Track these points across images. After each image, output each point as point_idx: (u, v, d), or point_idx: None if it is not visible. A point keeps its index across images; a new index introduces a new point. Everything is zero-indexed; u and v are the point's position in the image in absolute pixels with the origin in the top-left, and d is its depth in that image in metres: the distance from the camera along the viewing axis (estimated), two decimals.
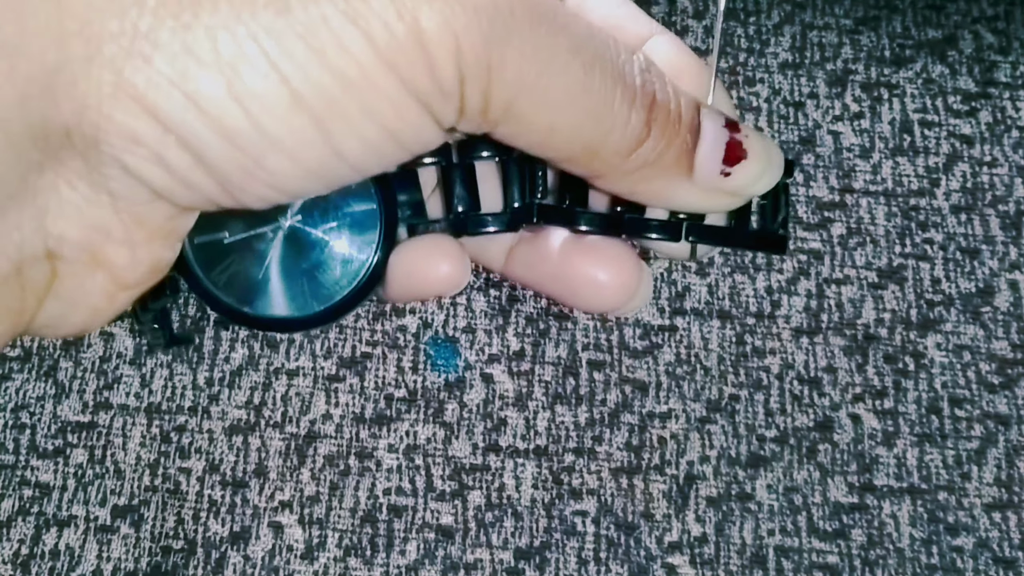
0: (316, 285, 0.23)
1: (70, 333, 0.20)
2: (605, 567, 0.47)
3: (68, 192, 0.18)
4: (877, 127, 0.57)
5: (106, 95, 0.17)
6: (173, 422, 0.49)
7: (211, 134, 0.17)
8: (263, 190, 0.18)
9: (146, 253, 0.19)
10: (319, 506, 0.48)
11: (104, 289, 0.19)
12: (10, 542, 0.47)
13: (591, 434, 0.50)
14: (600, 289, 0.23)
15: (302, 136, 0.17)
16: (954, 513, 0.49)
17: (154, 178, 0.18)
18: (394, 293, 0.23)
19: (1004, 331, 0.52)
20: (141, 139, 0.17)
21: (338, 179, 0.19)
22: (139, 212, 0.18)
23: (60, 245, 0.18)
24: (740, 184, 0.21)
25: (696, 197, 0.21)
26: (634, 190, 0.21)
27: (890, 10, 0.61)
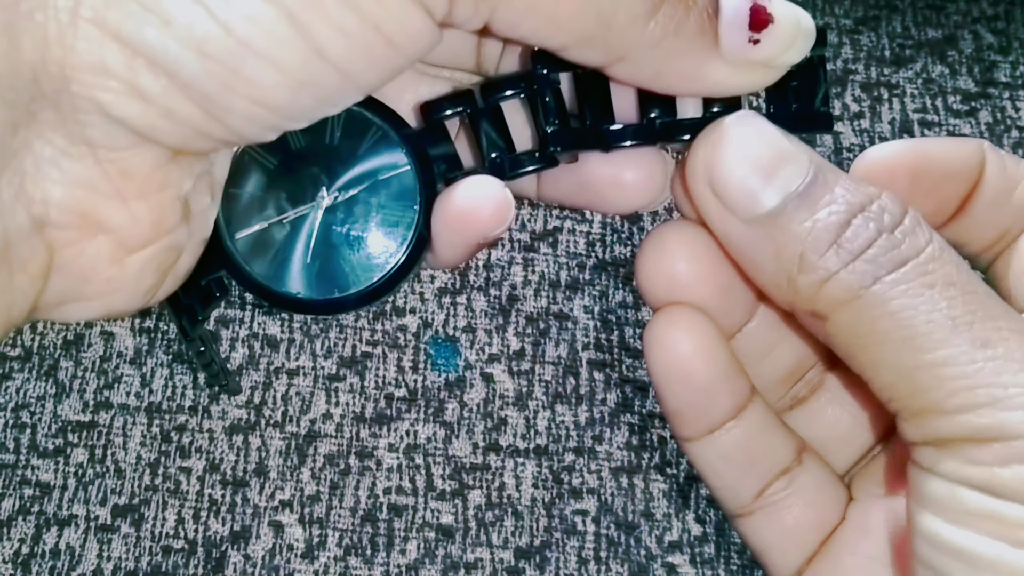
0: (364, 259, 0.22)
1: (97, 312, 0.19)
2: (605, 566, 0.47)
3: (45, 149, 0.17)
4: (877, 127, 0.57)
5: (65, 24, 0.16)
6: (173, 421, 0.49)
7: (180, 47, 0.16)
8: (250, 108, 0.17)
9: (143, 209, 0.18)
10: (319, 505, 0.48)
11: (109, 254, 0.18)
12: (11, 541, 0.47)
13: (591, 434, 0.50)
14: (628, 189, 0.22)
15: (276, 33, 0.16)
16: None
17: (132, 113, 0.17)
18: (442, 250, 0.22)
19: None
20: (110, 68, 0.16)
21: (331, 89, 0.18)
22: (123, 161, 0.17)
23: (46, 209, 0.17)
24: (771, 52, 0.20)
25: (727, 73, 0.20)
26: (661, 71, 0.20)
27: (890, 10, 0.61)
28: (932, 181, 0.21)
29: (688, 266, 0.21)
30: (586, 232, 0.54)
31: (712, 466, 0.23)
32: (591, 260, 0.53)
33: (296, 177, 0.22)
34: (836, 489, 0.24)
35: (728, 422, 0.22)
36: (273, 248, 0.22)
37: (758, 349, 0.23)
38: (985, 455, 0.17)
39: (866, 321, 0.18)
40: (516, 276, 0.53)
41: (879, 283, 0.18)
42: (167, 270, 0.20)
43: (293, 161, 0.22)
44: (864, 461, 0.24)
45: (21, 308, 0.18)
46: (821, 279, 0.18)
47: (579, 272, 0.53)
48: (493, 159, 0.22)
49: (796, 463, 0.23)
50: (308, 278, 0.22)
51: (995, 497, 0.17)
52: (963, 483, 0.17)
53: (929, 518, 0.18)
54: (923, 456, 0.18)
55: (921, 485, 0.18)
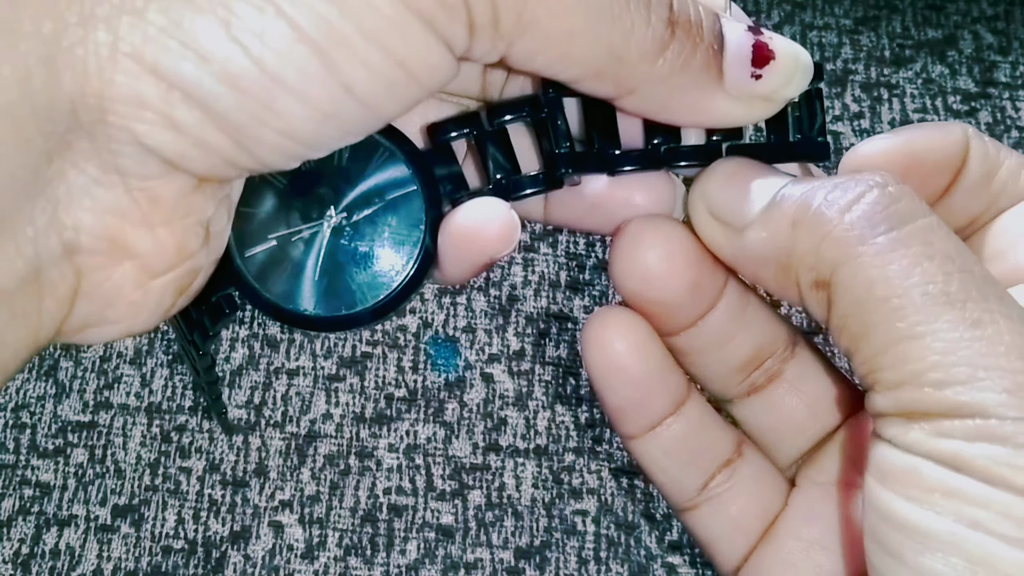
0: (371, 277, 0.23)
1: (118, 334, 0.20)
2: (605, 566, 0.47)
3: (78, 177, 0.17)
4: (877, 127, 0.57)
5: (104, 58, 0.16)
6: (173, 422, 0.49)
7: (215, 82, 0.17)
8: (278, 139, 0.18)
9: (168, 235, 0.19)
10: (319, 505, 0.48)
11: (134, 279, 0.19)
12: (10, 541, 0.47)
13: (591, 434, 0.50)
14: (638, 212, 0.23)
15: (307, 70, 0.17)
16: None
17: (165, 143, 0.17)
18: (448, 268, 0.23)
19: None
20: (146, 101, 0.17)
21: (354, 121, 0.18)
22: (152, 189, 0.18)
23: (77, 236, 0.18)
24: (772, 86, 0.21)
25: (730, 106, 0.21)
26: (667, 104, 0.21)
27: (890, 10, 0.61)
28: (922, 173, 0.21)
29: (660, 261, 0.22)
30: (586, 232, 0.54)
31: (656, 462, 0.24)
32: (591, 260, 0.53)
33: (305, 196, 0.23)
34: (776, 479, 0.25)
35: (667, 418, 0.23)
36: (282, 266, 0.23)
37: (719, 337, 0.24)
38: (955, 430, 0.17)
39: (863, 285, 0.18)
40: (516, 276, 0.53)
41: (878, 240, 0.18)
42: (185, 291, 0.20)
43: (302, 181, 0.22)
44: (811, 451, 0.25)
45: (48, 331, 0.18)
46: (821, 235, 0.19)
47: (579, 272, 0.53)
48: (498, 180, 0.23)
49: (736, 455, 0.24)
50: (316, 296, 0.23)
51: (957, 473, 0.17)
52: (927, 456, 0.17)
53: (887, 494, 0.18)
54: (890, 428, 0.18)
55: (882, 459, 0.18)
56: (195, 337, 0.23)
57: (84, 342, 0.20)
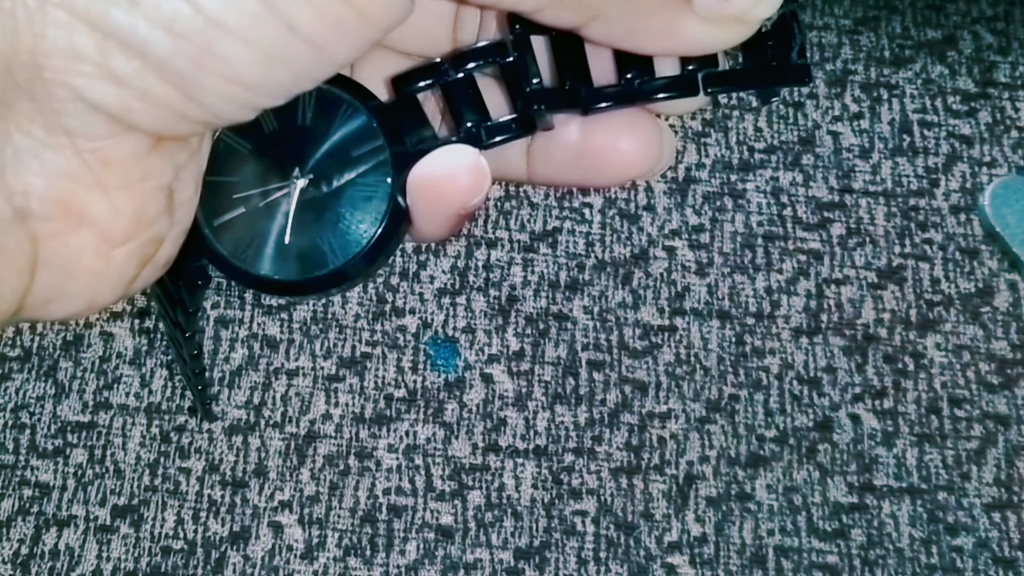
0: (342, 238, 0.22)
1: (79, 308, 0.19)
2: (605, 567, 0.47)
3: (23, 140, 0.17)
4: (876, 127, 0.57)
5: (33, 9, 0.16)
6: (173, 422, 0.49)
7: (150, 27, 0.16)
8: (225, 86, 0.17)
9: (125, 200, 0.18)
10: (319, 506, 0.48)
11: (93, 247, 0.18)
12: (10, 542, 0.47)
13: (591, 434, 0.50)
14: (625, 158, 0.22)
15: (245, 8, 0.16)
16: (954, 513, 0.49)
17: (107, 97, 0.16)
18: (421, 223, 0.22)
19: (1004, 331, 0.52)
20: (81, 52, 0.16)
21: (304, 64, 0.17)
22: (103, 150, 0.17)
23: (28, 201, 0.17)
24: (742, 5, 0.20)
25: (701, 29, 0.20)
26: (634, 29, 0.20)
27: (889, 10, 0.61)
28: None
29: None
30: (585, 232, 0.54)
31: None
32: (591, 260, 0.53)
33: (270, 160, 0.22)
34: None
35: None
36: (251, 232, 0.22)
37: None
38: None
39: None
40: (515, 276, 0.53)
41: None
42: (147, 260, 0.20)
43: (267, 144, 0.22)
44: None
45: (10, 302, 0.18)
46: None
47: (578, 272, 0.53)
48: (468, 128, 0.22)
49: None
50: (287, 259, 0.22)
51: None
52: None
53: None
54: None
55: None
56: (179, 316, 0.23)
57: (48, 318, 0.19)
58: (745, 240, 0.54)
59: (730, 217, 0.55)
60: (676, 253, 0.54)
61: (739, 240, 0.54)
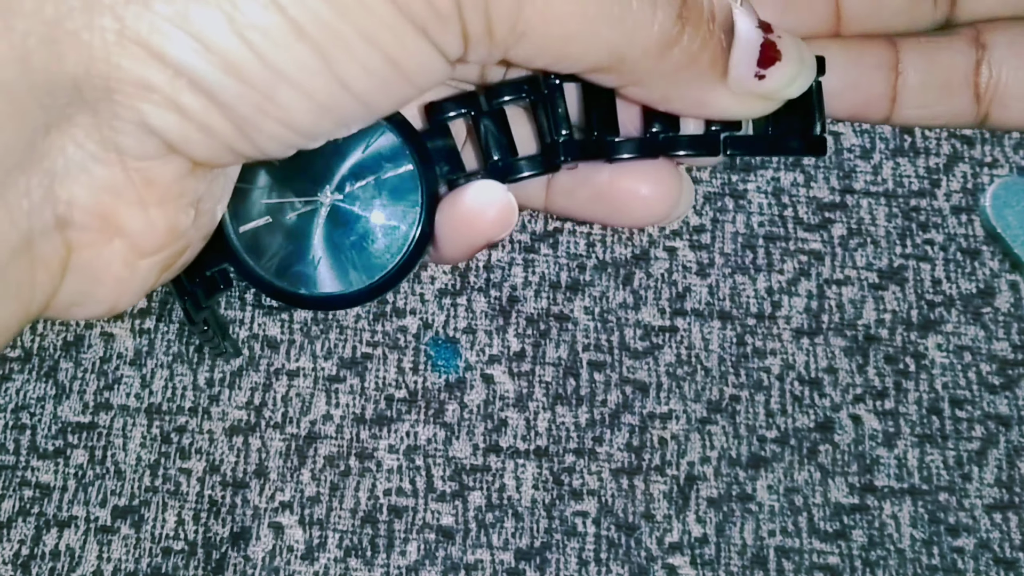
0: (366, 257, 0.23)
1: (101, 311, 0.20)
2: (606, 568, 0.47)
3: (76, 152, 0.18)
4: (877, 128, 0.57)
5: (111, 43, 0.17)
6: (173, 423, 0.49)
7: (220, 72, 0.17)
8: (277, 129, 0.18)
9: (160, 216, 0.19)
10: (319, 507, 0.48)
11: (123, 257, 0.19)
12: (10, 543, 0.47)
13: (592, 435, 0.50)
14: (644, 202, 0.23)
15: (306, 65, 0.17)
16: (955, 514, 0.49)
17: (170, 125, 0.18)
18: (445, 250, 0.23)
19: (1005, 332, 0.52)
20: (153, 85, 0.17)
21: (350, 115, 0.19)
22: (149, 170, 0.18)
23: (70, 210, 0.18)
24: (775, 87, 0.21)
25: (730, 102, 0.21)
26: (668, 96, 0.21)
27: None
28: None
29: None
30: (586, 233, 0.54)
31: None
32: (591, 261, 0.53)
33: (301, 174, 0.23)
34: None
35: None
36: (276, 243, 0.23)
37: None
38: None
39: None
40: (516, 277, 0.53)
41: None
42: (169, 268, 0.21)
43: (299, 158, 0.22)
44: None
45: (39, 304, 0.19)
46: None
47: (579, 273, 0.53)
48: (495, 162, 0.23)
49: None
50: (310, 274, 0.23)
51: None
52: None
53: None
54: None
55: None
56: (188, 305, 0.23)
57: (67, 318, 0.20)
58: (746, 240, 0.54)
59: (731, 217, 0.55)
60: (677, 254, 0.54)
61: (740, 240, 0.54)
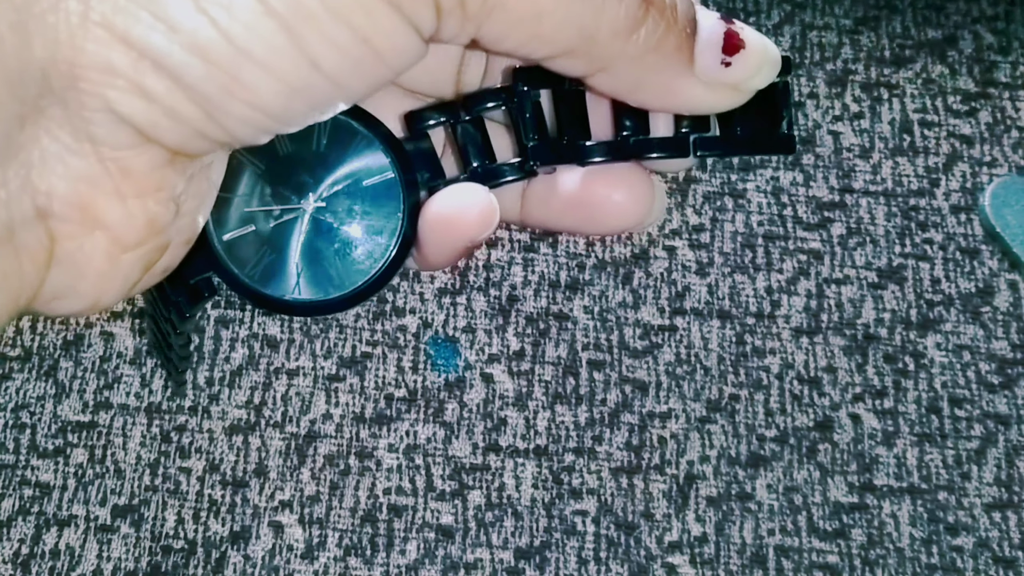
0: (348, 263, 0.23)
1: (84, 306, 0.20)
2: (605, 567, 0.47)
3: (51, 144, 0.18)
4: (877, 127, 0.57)
5: (75, 26, 0.17)
6: (173, 422, 0.49)
7: (184, 52, 0.17)
8: (246, 111, 0.18)
9: (139, 208, 0.19)
10: (319, 506, 0.48)
11: (104, 250, 0.19)
12: (10, 542, 0.47)
13: (591, 434, 0.50)
14: (617, 209, 0.23)
15: (273, 43, 0.17)
16: (954, 513, 0.49)
17: (136, 111, 0.18)
18: (429, 253, 0.23)
19: (1004, 331, 0.52)
20: (117, 68, 0.17)
21: (322, 96, 0.19)
22: (124, 160, 0.18)
23: (50, 201, 0.18)
24: (741, 75, 0.21)
25: (699, 92, 0.21)
26: (639, 84, 0.21)
27: (890, 10, 0.61)
28: None
29: None
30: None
31: None
32: (591, 260, 0.53)
33: (284, 182, 0.23)
34: None
35: None
36: (260, 250, 0.23)
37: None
38: None
39: None
40: (516, 276, 0.53)
41: None
42: (151, 266, 0.21)
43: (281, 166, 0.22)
44: None
45: (27, 295, 0.19)
46: None
47: (579, 272, 0.53)
48: (475, 168, 0.23)
49: None
50: (293, 280, 0.23)
51: None
52: None
53: None
54: None
55: None
56: (172, 316, 0.23)
57: (53, 313, 0.20)
58: (745, 240, 0.54)
59: (730, 217, 0.55)
60: (676, 253, 0.54)
61: (739, 240, 0.54)
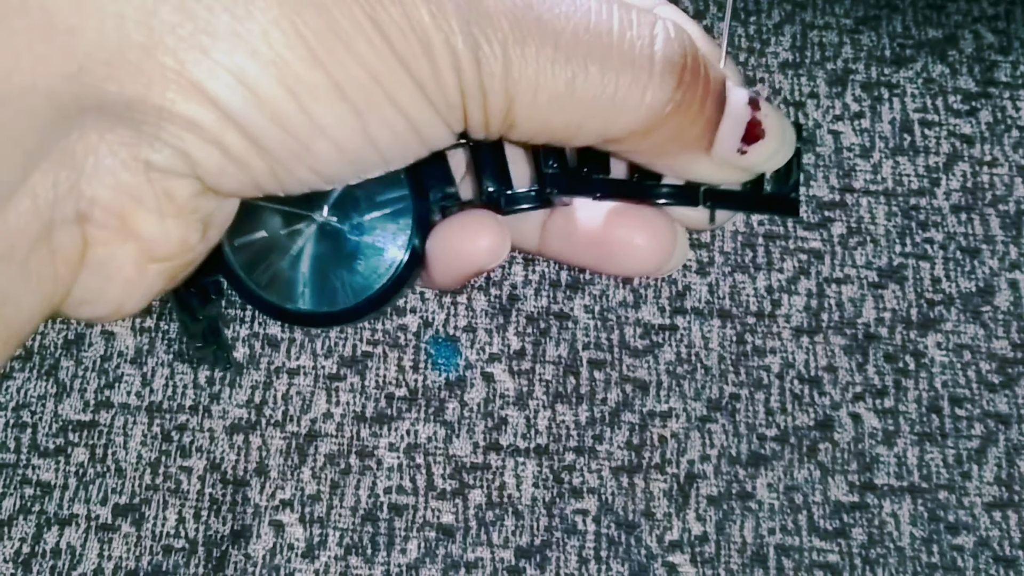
0: (355, 277, 0.23)
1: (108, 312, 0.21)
2: (606, 566, 0.47)
3: (107, 157, 0.19)
4: (877, 127, 0.57)
5: (170, 81, 0.18)
6: (174, 421, 0.49)
7: (266, 121, 0.19)
8: (306, 174, 0.20)
9: (174, 227, 0.20)
10: (320, 505, 0.48)
11: (135, 260, 0.20)
12: (11, 541, 0.47)
13: (592, 433, 0.50)
14: (638, 253, 0.24)
15: (343, 122, 0.19)
16: (954, 512, 0.49)
17: (209, 161, 0.19)
18: (437, 276, 0.23)
19: (1004, 330, 0.52)
20: (202, 124, 0.18)
21: (369, 167, 0.21)
22: (169, 185, 0.19)
23: (91, 207, 0.19)
24: (755, 162, 0.22)
25: (709, 170, 0.22)
26: (653, 162, 0.22)
27: (890, 10, 0.61)
28: None
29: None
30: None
31: None
32: None
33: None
34: None
35: None
36: (269, 258, 0.23)
37: None
38: None
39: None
40: (516, 276, 0.53)
41: None
42: (176, 277, 0.22)
43: None
44: None
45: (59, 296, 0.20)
46: None
47: (579, 272, 0.53)
48: (490, 193, 0.23)
49: None
50: (299, 290, 0.23)
51: None
52: None
53: None
54: None
55: None
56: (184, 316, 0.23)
57: (78, 316, 0.21)
58: (746, 239, 0.54)
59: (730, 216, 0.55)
60: None
61: (740, 239, 0.54)
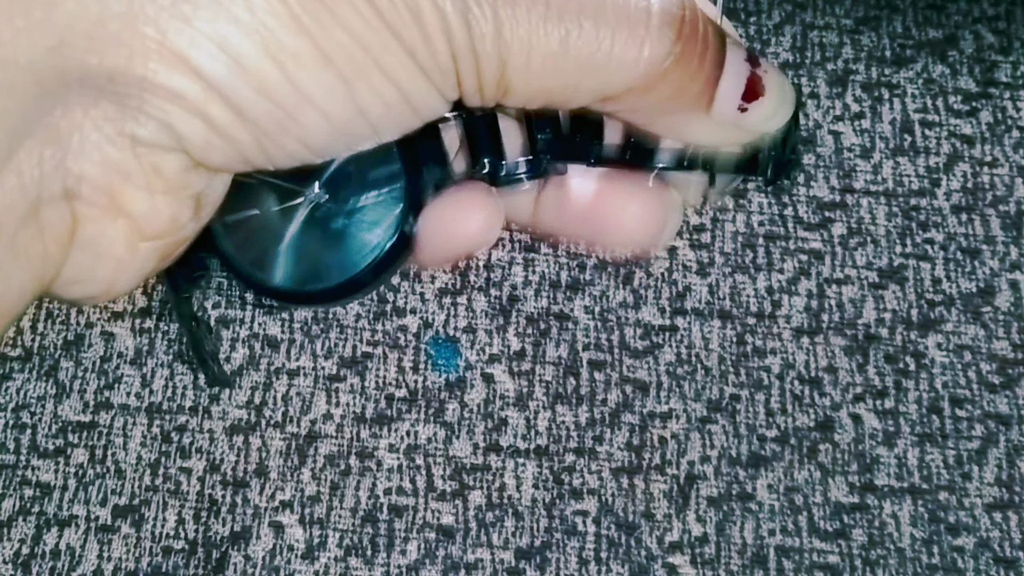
0: (346, 254, 0.23)
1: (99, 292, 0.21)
2: (606, 567, 0.47)
3: (92, 132, 0.19)
4: (878, 127, 0.57)
5: (151, 51, 0.18)
6: (174, 422, 0.49)
7: (251, 91, 0.18)
8: (295, 146, 0.19)
9: (165, 204, 0.20)
10: (320, 506, 0.48)
11: (125, 238, 0.20)
12: (11, 542, 0.47)
13: (592, 434, 0.50)
14: (630, 224, 0.23)
15: (331, 91, 0.19)
16: (955, 513, 0.49)
17: (195, 134, 0.19)
18: (428, 254, 0.23)
19: (1005, 331, 0.52)
20: (186, 95, 0.18)
21: (360, 138, 0.20)
22: (157, 160, 0.19)
23: (79, 184, 0.19)
24: (755, 120, 0.22)
25: (709, 131, 0.22)
26: (651, 122, 0.22)
27: (891, 10, 0.61)
28: None
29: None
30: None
31: None
32: (591, 260, 0.53)
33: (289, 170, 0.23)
34: None
35: None
36: (258, 235, 0.23)
37: None
38: None
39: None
40: (516, 276, 0.53)
41: None
42: (168, 256, 0.22)
43: None
44: None
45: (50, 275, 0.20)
46: None
47: (579, 272, 0.53)
48: (485, 164, 0.23)
49: None
50: (286, 268, 0.23)
51: None
52: None
53: None
54: None
55: None
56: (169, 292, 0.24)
57: (69, 296, 0.21)
58: (746, 240, 0.54)
59: (731, 217, 0.55)
60: (677, 253, 0.54)
61: (740, 240, 0.54)
